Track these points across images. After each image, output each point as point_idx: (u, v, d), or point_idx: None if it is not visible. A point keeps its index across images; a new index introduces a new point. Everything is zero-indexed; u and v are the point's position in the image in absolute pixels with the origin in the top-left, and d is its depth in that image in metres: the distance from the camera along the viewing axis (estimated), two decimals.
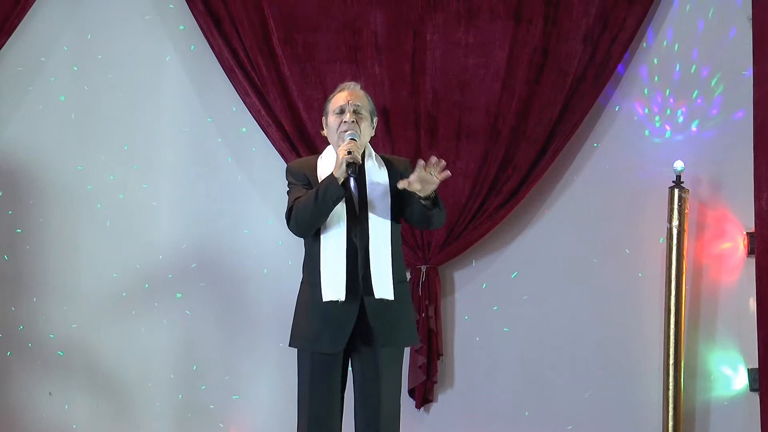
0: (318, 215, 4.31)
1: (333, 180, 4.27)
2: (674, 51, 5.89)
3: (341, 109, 4.42)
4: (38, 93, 5.85)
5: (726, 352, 5.86)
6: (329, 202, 4.28)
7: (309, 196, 4.32)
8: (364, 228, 4.36)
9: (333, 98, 4.48)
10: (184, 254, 5.89)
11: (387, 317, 4.37)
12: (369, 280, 4.34)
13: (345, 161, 4.24)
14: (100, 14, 5.86)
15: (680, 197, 5.72)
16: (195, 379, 5.89)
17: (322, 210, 4.30)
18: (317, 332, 4.37)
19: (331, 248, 4.34)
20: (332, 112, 4.44)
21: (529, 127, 5.82)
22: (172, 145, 5.89)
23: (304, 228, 4.36)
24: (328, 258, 4.34)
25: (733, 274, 5.86)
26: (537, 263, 5.91)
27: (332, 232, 4.35)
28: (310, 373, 4.40)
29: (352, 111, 4.41)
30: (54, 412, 5.85)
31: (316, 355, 4.38)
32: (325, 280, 4.33)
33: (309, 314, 4.40)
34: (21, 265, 5.84)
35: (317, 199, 4.28)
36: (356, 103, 4.43)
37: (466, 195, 5.81)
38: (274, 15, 5.79)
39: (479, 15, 5.83)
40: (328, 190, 4.26)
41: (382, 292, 4.34)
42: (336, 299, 4.31)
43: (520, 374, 5.91)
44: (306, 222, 4.33)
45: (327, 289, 4.32)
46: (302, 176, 4.45)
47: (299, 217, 4.34)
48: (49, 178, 5.85)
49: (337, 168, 4.28)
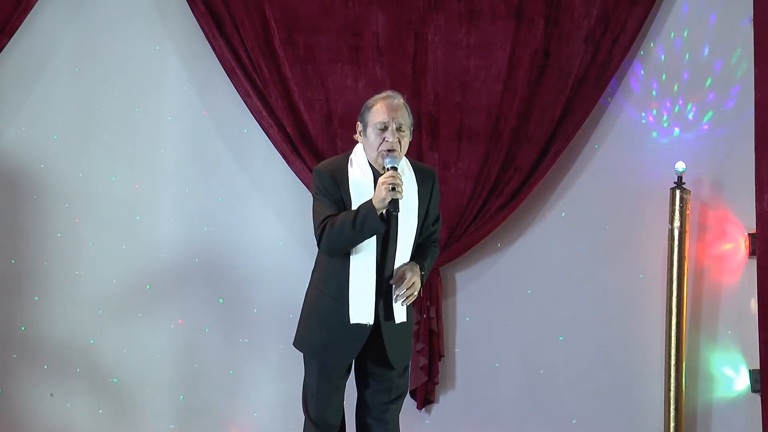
0: (353, 242, 4.25)
1: (373, 211, 4.18)
2: (677, 51, 5.89)
3: (384, 126, 4.29)
4: (40, 94, 5.85)
5: (727, 353, 5.86)
6: (366, 233, 4.22)
7: (345, 220, 4.22)
8: (391, 254, 4.33)
9: (374, 108, 4.34)
10: (185, 255, 5.88)
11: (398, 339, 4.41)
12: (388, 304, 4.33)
13: (389, 197, 4.16)
14: (102, 15, 5.86)
15: (682, 198, 5.72)
16: (196, 380, 5.89)
17: (359, 237, 4.24)
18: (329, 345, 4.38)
19: (362, 270, 4.30)
20: (373, 125, 4.31)
21: (530, 128, 5.81)
22: (174, 145, 5.89)
23: (336, 249, 4.30)
24: (358, 280, 4.30)
25: (734, 275, 5.86)
26: (538, 264, 5.91)
27: (363, 254, 4.30)
28: (317, 374, 4.43)
29: (396, 128, 4.30)
30: (56, 413, 5.85)
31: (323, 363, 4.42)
32: (355, 303, 4.30)
33: (326, 328, 4.38)
34: (22, 266, 5.85)
35: (355, 227, 4.20)
36: (400, 120, 4.31)
37: (467, 196, 5.81)
38: (275, 16, 5.79)
39: (480, 16, 5.83)
40: (367, 222, 4.18)
41: (400, 317, 4.37)
42: (364, 323, 4.30)
43: (522, 375, 5.91)
44: (340, 246, 4.27)
45: (356, 312, 4.30)
46: (333, 184, 4.32)
47: (333, 239, 4.25)
48: (50, 178, 5.85)
49: (379, 200, 4.18)
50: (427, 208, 4.43)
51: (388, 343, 4.35)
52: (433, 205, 4.46)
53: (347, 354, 4.37)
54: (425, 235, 4.48)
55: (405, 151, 4.37)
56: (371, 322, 4.30)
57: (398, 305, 4.34)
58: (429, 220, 4.47)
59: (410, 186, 4.35)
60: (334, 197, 4.32)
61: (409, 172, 4.39)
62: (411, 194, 4.35)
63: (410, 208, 4.35)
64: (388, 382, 4.44)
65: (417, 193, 4.38)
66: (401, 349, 4.44)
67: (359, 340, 4.34)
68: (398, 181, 4.17)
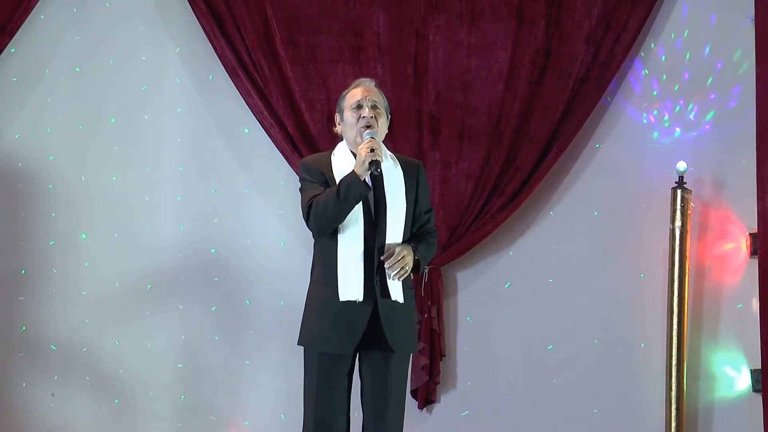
0: (340, 213, 4.28)
1: (356, 177, 4.24)
2: (678, 51, 5.89)
3: (359, 104, 4.40)
4: (40, 94, 5.85)
5: (729, 353, 5.85)
6: (352, 200, 4.25)
7: (329, 193, 4.29)
8: (381, 228, 4.34)
9: (348, 94, 4.45)
10: (186, 255, 5.88)
11: (398, 322, 4.36)
12: (383, 282, 4.33)
13: (368, 158, 4.22)
14: (102, 15, 5.87)
15: (683, 198, 5.72)
16: (197, 380, 5.89)
17: (344, 208, 4.27)
18: (328, 332, 4.34)
19: (349, 248, 4.32)
20: (349, 107, 4.41)
21: (531, 128, 5.81)
22: (175, 145, 5.89)
23: (324, 225, 4.32)
24: (346, 258, 4.31)
25: (735, 274, 5.86)
26: (539, 264, 5.90)
27: (350, 232, 4.32)
28: (317, 373, 4.37)
29: (371, 106, 4.39)
30: (56, 413, 5.85)
31: (324, 355, 4.35)
32: (343, 279, 4.30)
33: (321, 314, 4.37)
34: (23, 266, 5.84)
35: (339, 196, 4.25)
36: (373, 99, 4.42)
37: (468, 196, 5.81)
38: (276, 16, 5.79)
39: (481, 16, 5.83)
40: (351, 188, 4.23)
41: (396, 294, 4.34)
42: (354, 299, 4.29)
43: (523, 375, 5.91)
44: (327, 219, 4.30)
45: (344, 289, 4.30)
46: (318, 172, 4.41)
47: (320, 214, 4.29)
48: (51, 179, 5.85)
49: (359, 165, 4.25)
50: (416, 196, 4.44)
51: (385, 322, 4.32)
52: (422, 193, 4.48)
53: (347, 339, 4.32)
54: (419, 224, 4.48)
55: (383, 131, 4.43)
56: (360, 298, 4.28)
57: (393, 282, 4.32)
58: (420, 209, 4.47)
59: (395, 170, 4.41)
60: (319, 181, 4.39)
61: (393, 160, 4.44)
62: (396, 176, 4.40)
63: (397, 189, 4.38)
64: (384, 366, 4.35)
65: (403, 179, 4.42)
66: (402, 332, 4.38)
67: (359, 324, 4.31)
68: (376, 144, 4.26)
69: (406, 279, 4.38)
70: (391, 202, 4.36)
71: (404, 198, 4.40)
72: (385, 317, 4.32)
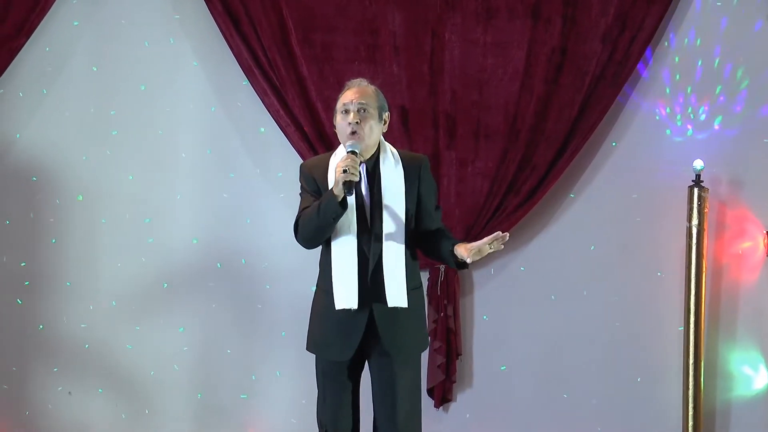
0: (320, 230, 4.28)
1: (333, 197, 4.21)
2: (696, 48, 5.87)
3: (345, 109, 4.35)
4: (57, 94, 5.87)
5: (746, 352, 5.84)
6: (329, 220, 4.23)
7: (312, 209, 4.28)
8: (377, 233, 4.31)
9: (340, 96, 4.41)
10: (202, 254, 5.89)
11: (396, 325, 4.33)
12: (381, 288, 4.29)
13: (341, 179, 4.16)
14: (119, 15, 5.88)
15: (700, 196, 5.71)
16: (213, 379, 5.90)
17: (323, 226, 4.26)
18: (328, 340, 4.37)
19: (342, 255, 4.30)
20: (338, 111, 4.38)
21: (547, 127, 5.81)
22: (191, 144, 5.90)
23: (308, 242, 4.35)
24: (339, 265, 4.30)
25: (753, 273, 5.85)
26: (556, 263, 5.90)
27: (342, 239, 4.30)
28: (323, 377, 4.43)
29: (356, 110, 4.32)
30: (73, 412, 5.86)
31: (327, 361, 4.40)
32: (337, 288, 4.29)
33: (322, 321, 4.40)
34: (40, 265, 5.86)
35: (319, 214, 4.24)
36: (361, 101, 4.33)
37: (484, 195, 5.80)
38: (292, 15, 5.79)
39: (497, 14, 5.83)
40: (328, 207, 4.21)
41: (395, 301, 4.29)
42: (348, 307, 4.28)
43: (539, 373, 5.90)
44: (309, 236, 4.32)
45: (339, 297, 4.29)
46: (311, 180, 4.40)
47: (303, 231, 4.33)
48: (68, 178, 5.87)
49: (335, 185, 4.21)
50: (419, 194, 4.39)
51: (382, 328, 4.29)
52: (426, 190, 4.42)
53: (346, 346, 4.32)
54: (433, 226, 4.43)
55: (372, 135, 4.34)
56: (354, 306, 4.26)
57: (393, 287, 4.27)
58: (427, 207, 4.42)
59: (394, 172, 4.35)
60: (311, 189, 4.38)
61: (394, 159, 4.39)
62: (395, 178, 4.34)
63: (395, 191, 4.33)
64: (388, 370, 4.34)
65: (403, 180, 4.36)
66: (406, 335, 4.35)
67: (356, 330, 4.30)
68: (350, 162, 4.17)
69: (412, 279, 4.37)
70: (387, 204, 4.32)
71: (403, 201, 4.34)
72: (382, 323, 4.30)
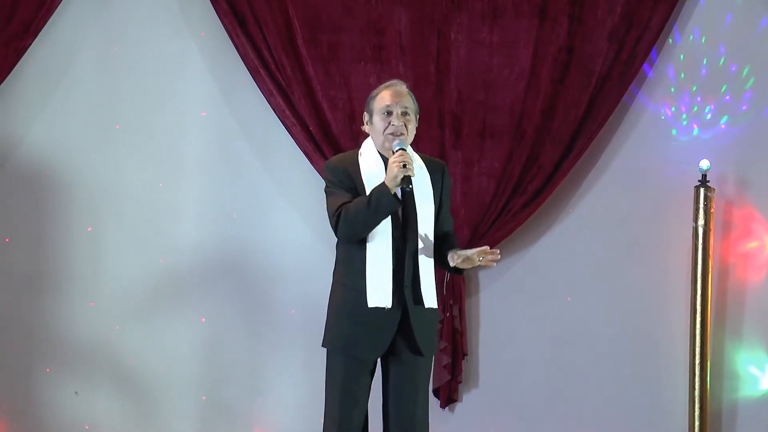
0: (370, 223, 4.26)
1: (387, 190, 4.20)
2: (701, 46, 5.86)
3: (388, 111, 4.34)
4: (63, 94, 5.88)
5: (753, 352, 5.83)
6: (383, 212, 4.23)
7: (359, 204, 4.25)
8: (412, 234, 4.32)
9: (378, 96, 4.38)
10: (208, 254, 5.90)
11: (426, 326, 4.37)
12: (415, 288, 4.31)
13: (401, 174, 4.17)
14: (125, 15, 5.89)
15: (706, 196, 5.70)
16: (220, 379, 5.90)
17: (375, 219, 4.24)
18: (358, 338, 4.33)
19: (378, 254, 4.28)
20: (378, 111, 4.36)
21: (553, 127, 5.80)
22: (197, 145, 5.91)
23: (353, 234, 4.30)
24: (375, 264, 4.28)
25: (759, 273, 5.84)
26: (562, 263, 5.89)
27: (378, 238, 4.29)
28: (342, 376, 4.35)
29: (401, 113, 4.34)
30: (79, 411, 5.87)
31: (351, 359, 4.35)
32: (372, 286, 4.27)
33: (350, 319, 4.34)
34: (46, 265, 5.87)
35: (370, 208, 4.22)
36: (404, 104, 4.35)
37: (490, 194, 5.80)
38: (298, 15, 5.79)
39: (504, 14, 5.82)
40: (382, 201, 4.20)
41: (430, 301, 4.33)
42: (383, 306, 4.27)
43: (545, 373, 5.90)
44: (357, 229, 4.27)
45: (373, 296, 4.27)
46: (345, 174, 4.35)
47: (349, 224, 4.27)
48: (74, 178, 5.88)
49: (391, 179, 4.20)
50: (441, 196, 4.43)
51: (416, 328, 4.31)
52: (445, 193, 4.47)
53: (377, 345, 4.32)
54: (445, 229, 4.46)
55: (412, 136, 4.38)
56: (389, 305, 4.26)
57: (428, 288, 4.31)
58: (444, 210, 4.46)
59: (422, 172, 4.38)
60: (347, 186, 4.34)
61: (419, 161, 4.42)
62: (424, 179, 4.38)
63: (426, 192, 4.36)
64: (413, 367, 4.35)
65: (430, 181, 4.40)
66: (430, 336, 4.39)
67: (388, 330, 4.31)
68: (408, 158, 4.21)
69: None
70: (421, 205, 4.34)
71: (432, 200, 4.38)
72: (416, 323, 4.32)
